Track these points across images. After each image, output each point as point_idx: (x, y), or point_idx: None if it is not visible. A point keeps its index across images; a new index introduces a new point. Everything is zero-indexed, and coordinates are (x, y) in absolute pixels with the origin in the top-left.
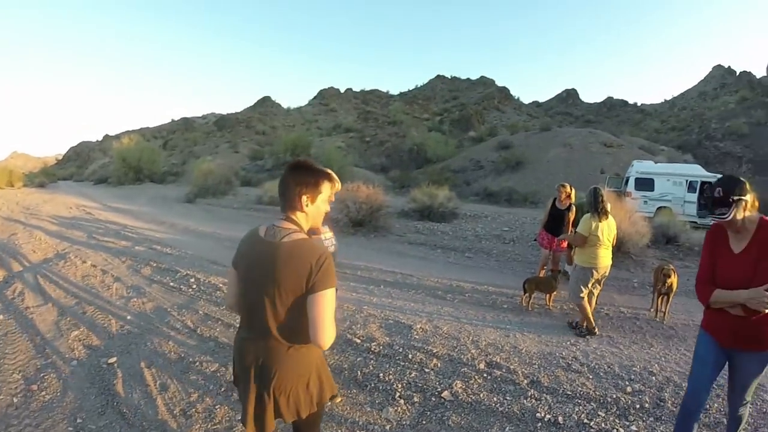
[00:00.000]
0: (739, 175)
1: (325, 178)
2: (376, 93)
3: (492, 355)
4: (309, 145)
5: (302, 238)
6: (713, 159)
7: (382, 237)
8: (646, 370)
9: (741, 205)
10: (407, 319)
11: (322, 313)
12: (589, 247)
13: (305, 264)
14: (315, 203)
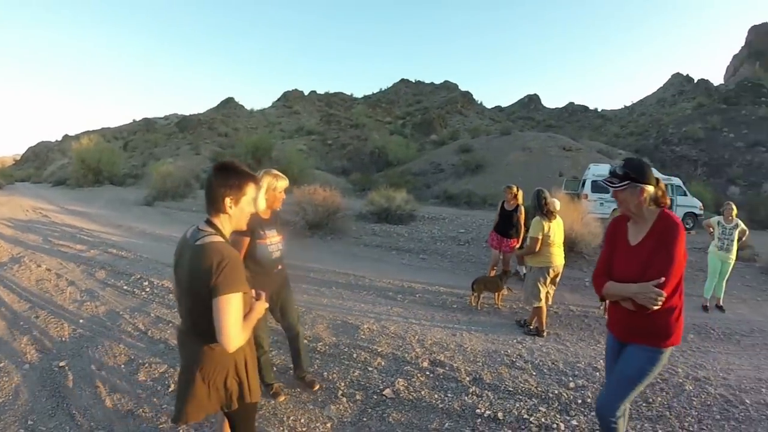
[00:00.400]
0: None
1: (251, 181)
2: (340, 96)
3: (436, 354)
4: (270, 148)
5: (213, 240)
6: (670, 162)
7: (339, 239)
8: (591, 366)
9: (636, 188)
10: (355, 319)
11: (223, 317)
12: (543, 247)
13: (206, 267)
14: (239, 205)
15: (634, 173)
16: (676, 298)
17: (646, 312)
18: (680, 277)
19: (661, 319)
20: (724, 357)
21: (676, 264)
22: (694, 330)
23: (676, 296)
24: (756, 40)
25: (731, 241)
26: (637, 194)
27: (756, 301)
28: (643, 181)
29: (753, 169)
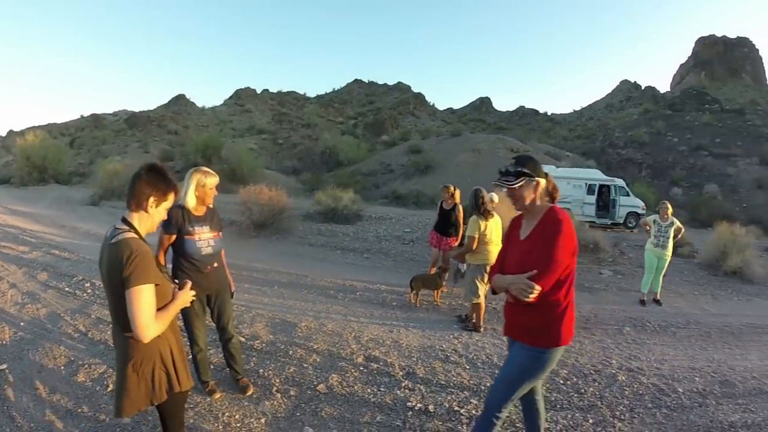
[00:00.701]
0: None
1: (174, 190)
2: (293, 95)
3: (372, 350)
4: (220, 147)
5: (125, 237)
6: (615, 165)
7: (284, 239)
8: None
9: (532, 184)
10: (294, 317)
11: (135, 308)
12: (480, 245)
13: (117, 261)
14: (158, 208)
15: (529, 168)
16: (560, 295)
17: (523, 305)
18: (567, 274)
19: (542, 318)
20: (659, 348)
21: (556, 259)
22: (630, 323)
23: (560, 294)
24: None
25: (667, 239)
26: (532, 189)
27: (693, 295)
28: (537, 175)
29: (695, 172)
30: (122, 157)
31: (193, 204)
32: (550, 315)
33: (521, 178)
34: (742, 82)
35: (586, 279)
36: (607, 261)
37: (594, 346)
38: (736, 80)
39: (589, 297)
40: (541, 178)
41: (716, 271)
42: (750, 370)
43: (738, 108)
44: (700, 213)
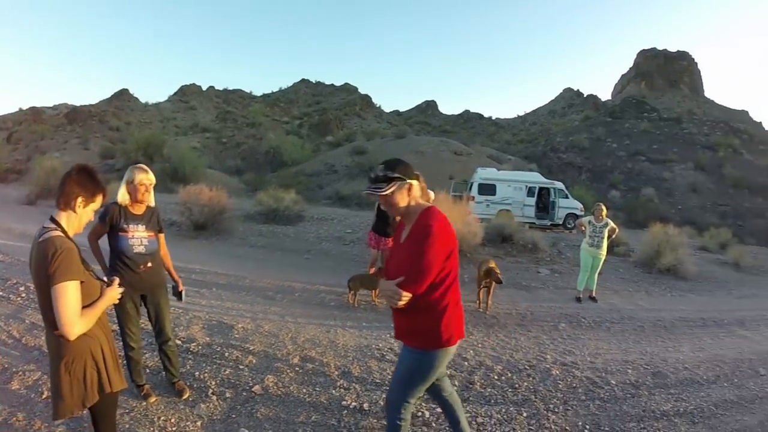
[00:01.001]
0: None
1: (102, 193)
2: (239, 93)
3: (308, 350)
4: (162, 145)
5: (51, 236)
6: (556, 168)
7: (225, 240)
8: (460, 357)
9: (404, 187)
10: (231, 319)
11: (60, 305)
12: None
13: (42, 259)
14: (85, 209)
15: (399, 172)
16: (436, 298)
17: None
18: (443, 276)
19: (420, 321)
20: (594, 343)
21: (425, 263)
22: (566, 319)
23: (436, 296)
24: (643, 62)
25: (601, 239)
26: (405, 192)
27: (628, 291)
28: (408, 177)
29: (633, 176)
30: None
31: (125, 200)
32: (428, 318)
33: (392, 182)
34: (681, 92)
35: (524, 278)
36: (545, 260)
37: (529, 342)
38: (674, 91)
39: (527, 295)
40: (414, 180)
41: (650, 269)
42: (682, 361)
43: (675, 117)
44: (637, 215)
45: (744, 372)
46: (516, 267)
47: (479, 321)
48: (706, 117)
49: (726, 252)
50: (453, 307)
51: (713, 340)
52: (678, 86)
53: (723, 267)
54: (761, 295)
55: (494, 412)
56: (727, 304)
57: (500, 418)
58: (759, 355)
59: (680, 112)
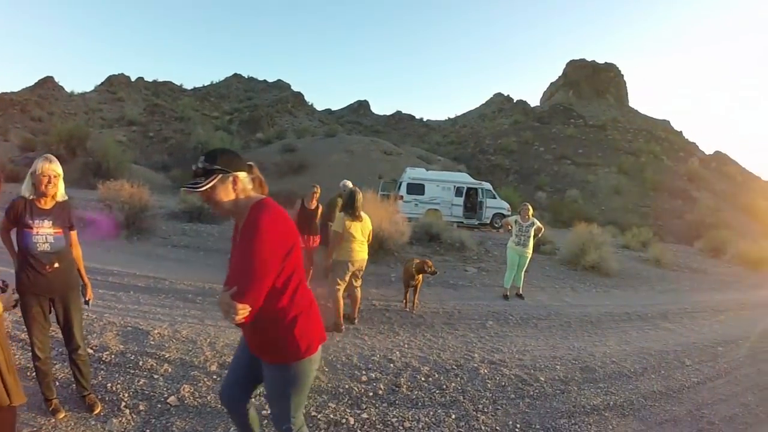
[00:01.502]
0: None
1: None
2: (170, 85)
3: (227, 356)
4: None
5: None
6: (485, 170)
7: (146, 240)
8: (386, 358)
9: (227, 180)
10: (147, 324)
11: None
12: (344, 242)
13: None
14: None
15: (222, 163)
16: (281, 306)
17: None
18: (284, 280)
19: (268, 334)
20: (522, 340)
21: (257, 264)
22: (493, 317)
23: (280, 304)
24: (572, 72)
25: (528, 237)
26: (230, 186)
27: (554, 288)
28: (233, 168)
29: (559, 178)
30: None
31: (29, 193)
32: (279, 330)
33: (213, 176)
34: (606, 102)
35: (452, 276)
36: (472, 259)
37: (457, 341)
38: (600, 100)
39: (454, 293)
40: (241, 171)
41: (575, 266)
42: (609, 355)
43: (600, 124)
44: (562, 215)
45: (670, 363)
46: (444, 265)
47: (405, 321)
48: (629, 125)
49: (647, 250)
50: (306, 314)
51: (639, 333)
52: (604, 96)
53: (645, 264)
54: (681, 290)
55: (422, 415)
56: (650, 298)
57: (428, 421)
58: (683, 346)
59: (605, 120)
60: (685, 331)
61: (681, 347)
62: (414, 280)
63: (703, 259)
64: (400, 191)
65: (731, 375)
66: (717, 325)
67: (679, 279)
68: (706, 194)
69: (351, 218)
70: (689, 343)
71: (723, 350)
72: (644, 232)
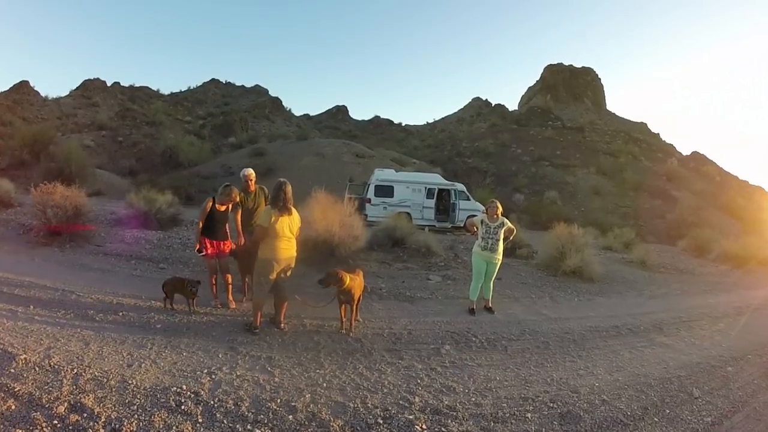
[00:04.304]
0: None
1: None
2: (146, 90)
3: (86, 394)
4: (50, 141)
5: None
6: (462, 172)
7: (79, 248)
8: (288, 405)
9: None
10: (21, 346)
11: None
12: (268, 238)
13: None
14: None
15: None
16: None
17: None
18: None
19: None
20: (484, 371)
21: None
22: (451, 339)
23: None
24: (549, 76)
25: (496, 241)
26: None
27: (530, 299)
28: None
29: (537, 180)
30: None
31: None
32: None
33: None
34: (584, 105)
35: (410, 287)
36: (438, 266)
37: (397, 376)
38: (578, 104)
39: (409, 308)
40: None
41: (555, 271)
42: (598, 389)
43: (578, 126)
44: (541, 217)
45: (675, 397)
46: (403, 274)
47: (338, 347)
48: (607, 127)
49: (631, 251)
50: None
51: (632, 354)
52: (582, 99)
53: (629, 266)
54: (671, 294)
55: None
56: (639, 306)
57: None
58: (687, 369)
59: (583, 122)
60: (685, 346)
61: (684, 371)
62: (345, 295)
63: (688, 259)
64: (368, 194)
65: (749, 406)
66: (718, 335)
67: (667, 282)
68: (685, 194)
69: (278, 211)
70: (693, 364)
71: (733, 371)
72: (626, 232)
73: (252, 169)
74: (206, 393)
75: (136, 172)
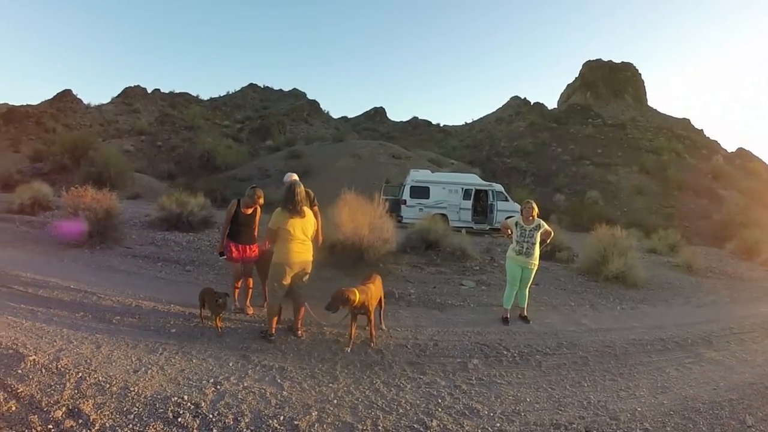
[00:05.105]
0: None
1: None
2: (186, 96)
3: (85, 399)
4: (90, 147)
5: None
6: (501, 173)
7: (109, 250)
8: (290, 424)
9: None
10: (33, 347)
11: None
12: (281, 242)
13: None
14: None
15: None
16: None
17: None
18: None
19: None
20: (514, 391)
21: None
22: (480, 353)
23: None
24: (588, 72)
25: (532, 245)
26: None
27: (569, 307)
28: None
29: (578, 179)
30: None
31: None
32: None
33: None
34: (624, 102)
35: (441, 293)
36: (472, 270)
37: (416, 394)
38: (618, 101)
39: (438, 316)
40: None
41: (596, 276)
42: (640, 415)
43: (619, 123)
44: (582, 218)
45: (725, 425)
46: (435, 279)
47: (356, 358)
48: (649, 124)
49: (676, 254)
50: None
51: (678, 372)
52: (622, 96)
53: (675, 271)
54: (720, 302)
55: None
56: (687, 315)
57: None
58: (739, 390)
59: (624, 119)
60: (736, 363)
61: (736, 392)
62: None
63: (736, 263)
64: (403, 195)
65: None
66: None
67: (715, 288)
68: (732, 192)
69: (289, 214)
70: (745, 385)
71: None
72: (671, 234)
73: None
74: (207, 405)
75: (175, 175)
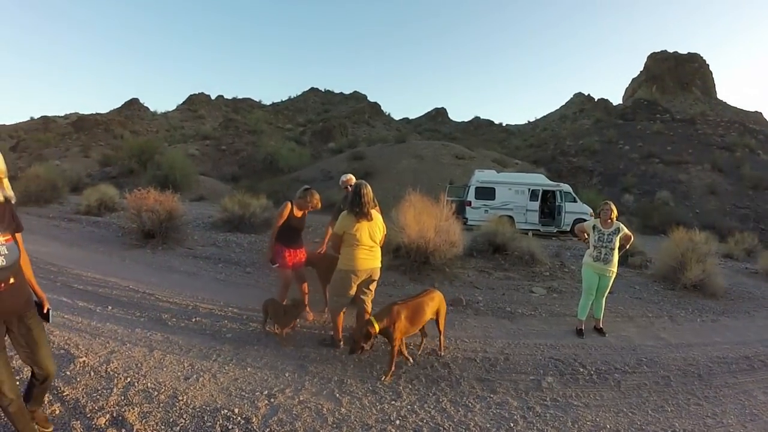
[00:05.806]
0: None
1: None
2: (248, 102)
3: (132, 407)
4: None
5: None
6: (566, 172)
7: (170, 250)
8: None
9: None
10: (85, 347)
11: None
12: (346, 247)
13: None
14: None
15: None
16: None
17: None
18: None
19: None
20: (592, 415)
21: None
22: (555, 369)
23: None
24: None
25: (611, 250)
26: None
27: (647, 318)
28: None
29: (647, 179)
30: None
31: None
32: None
33: None
34: (692, 95)
35: (511, 300)
36: (542, 276)
37: (486, 416)
38: (686, 94)
39: (508, 326)
40: None
41: (673, 284)
42: None
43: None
44: (652, 219)
45: None
46: (504, 285)
47: (421, 372)
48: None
49: (755, 260)
50: None
51: (766, 396)
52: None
53: (754, 278)
54: None
55: None
56: None
57: None
58: None
59: (693, 114)
60: None
61: None
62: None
63: None
64: (468, 196)
65: None
66: None
67: None
68: None
69: (356, 217)
70: None
71: None
72: (748, 237)
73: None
74: (258, 420)
75: (238, 178)
